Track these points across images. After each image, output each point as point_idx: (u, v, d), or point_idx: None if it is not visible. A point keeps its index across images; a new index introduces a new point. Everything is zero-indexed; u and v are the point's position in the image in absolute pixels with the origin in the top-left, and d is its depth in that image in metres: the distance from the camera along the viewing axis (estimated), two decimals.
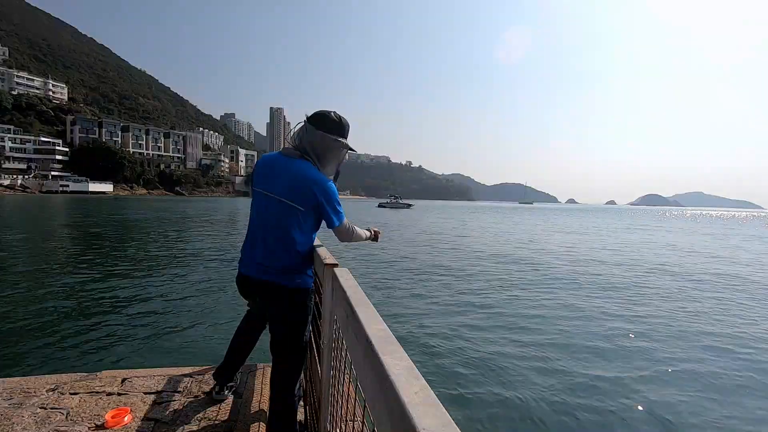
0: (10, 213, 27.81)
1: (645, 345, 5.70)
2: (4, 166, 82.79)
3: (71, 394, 2.17)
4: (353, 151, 1.81)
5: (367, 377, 0.68)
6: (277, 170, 1.68)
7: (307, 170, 1.64)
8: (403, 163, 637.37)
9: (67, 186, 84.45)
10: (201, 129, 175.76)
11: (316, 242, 1.85)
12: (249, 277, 1.73)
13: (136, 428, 1.89)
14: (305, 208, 1.64)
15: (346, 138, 1.74)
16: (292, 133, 1.74)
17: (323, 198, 1.63)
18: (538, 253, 15.89)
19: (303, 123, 1.71)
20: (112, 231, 18.29)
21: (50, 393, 2.16)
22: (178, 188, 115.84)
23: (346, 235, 1.78)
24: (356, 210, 57.98)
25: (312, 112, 1.72)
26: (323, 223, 1.75)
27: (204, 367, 2.57)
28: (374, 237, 2.01)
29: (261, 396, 2.25)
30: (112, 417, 1.92)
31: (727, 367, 5.04)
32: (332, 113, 1.70)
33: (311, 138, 1.67)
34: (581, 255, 15.56)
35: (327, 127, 1.67)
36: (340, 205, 1.70)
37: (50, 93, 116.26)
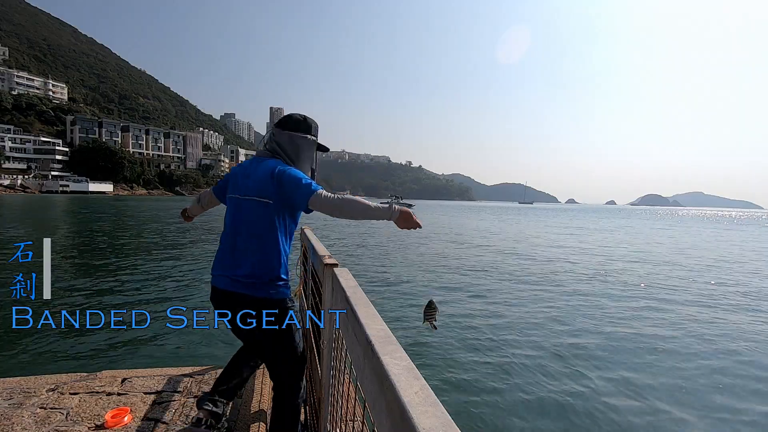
0: (10, 213, 27.78)
1: (651, 347, 5.70)
2: (4, 166, 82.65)
3: (71, 394, 2.17)
4: (324, 149, 1.80)
5: (367, 377, 0.68)
6: (248, 172, 1.66)
7: (274, 163, 1.61)
8: (403, 163, 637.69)
9: (67, 186, 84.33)
10: (201, 129, 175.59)
11: (314, 240, 1.84)
12: (218, 288, 1.62)
13: (136, 428, 1.89)
14: (274, 200, 1.56)
15: (315, 136, 1.74)
16: (263, 141, 1.75)
17: (283, 177, 1.53)
18: (539, 252, 15.89)
19: (271, 129, 1.74)
20: (112, 231, 18.28)
21: (50, 393, 2.16)
22: (178, 188, 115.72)
23: (330, 205, 1.47)
24: None
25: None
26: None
27: (204, 367, 2.57)
28: (399, 215, 1.49)
29: (261, 396, 2.25)
30: (112, 417, 1.92)
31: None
32: (296, 113, 1.72)
33: (279, 139, 1.68)
34: (584, 253, 15.57)
35: (292, 126, 1.69)
36: (306, 178, 1.55)
37: (50, 93, 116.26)
